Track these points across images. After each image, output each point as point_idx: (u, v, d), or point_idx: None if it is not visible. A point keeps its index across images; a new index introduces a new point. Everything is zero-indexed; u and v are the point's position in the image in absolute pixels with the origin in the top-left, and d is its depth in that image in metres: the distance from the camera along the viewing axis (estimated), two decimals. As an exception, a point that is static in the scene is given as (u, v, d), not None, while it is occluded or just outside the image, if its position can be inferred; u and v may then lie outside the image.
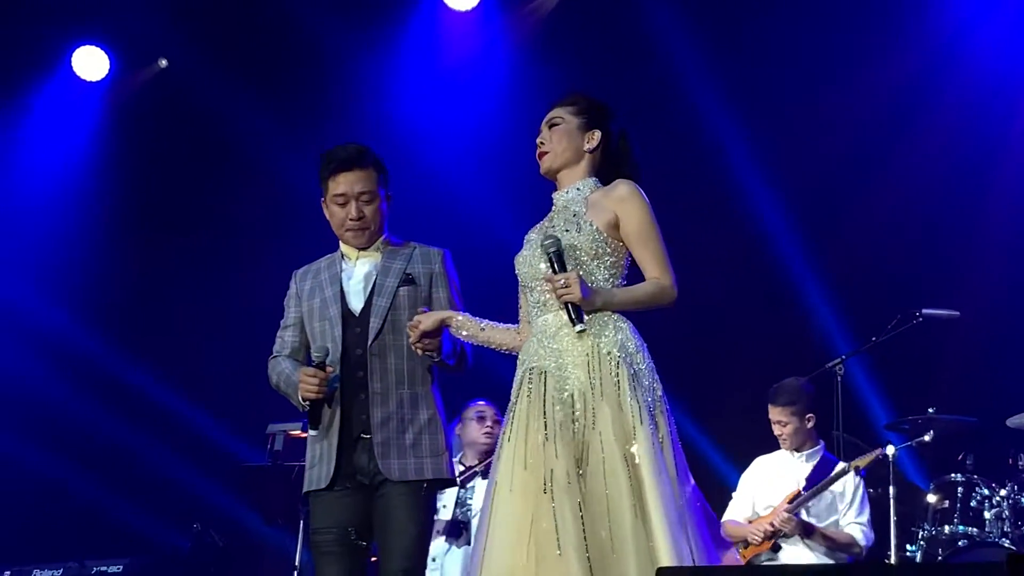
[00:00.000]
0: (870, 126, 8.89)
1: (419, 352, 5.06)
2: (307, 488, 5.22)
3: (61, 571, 8.61)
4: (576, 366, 4.57)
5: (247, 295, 9.79)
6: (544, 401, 4.56)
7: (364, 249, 5.32)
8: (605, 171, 4.90)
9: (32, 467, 9.59)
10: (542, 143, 4.89)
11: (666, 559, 4.25)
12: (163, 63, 10.22)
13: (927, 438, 7.39)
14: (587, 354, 4.57)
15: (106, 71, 10.14)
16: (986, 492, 7.31)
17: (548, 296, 4.67)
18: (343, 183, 5.26)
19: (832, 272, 8.86)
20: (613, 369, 4.53)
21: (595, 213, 4.72)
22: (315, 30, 9.50)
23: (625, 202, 4.71)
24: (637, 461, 4.39)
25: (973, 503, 7.32)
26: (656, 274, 4.68)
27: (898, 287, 8.56)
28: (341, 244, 5.38)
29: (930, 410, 7.55)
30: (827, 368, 7.62)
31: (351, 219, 5.25)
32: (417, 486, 5.12)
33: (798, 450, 7.36)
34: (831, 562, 7.03)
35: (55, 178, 10.22)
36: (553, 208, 4.89)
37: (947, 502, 7.37)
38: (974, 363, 8.46)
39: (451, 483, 5.42)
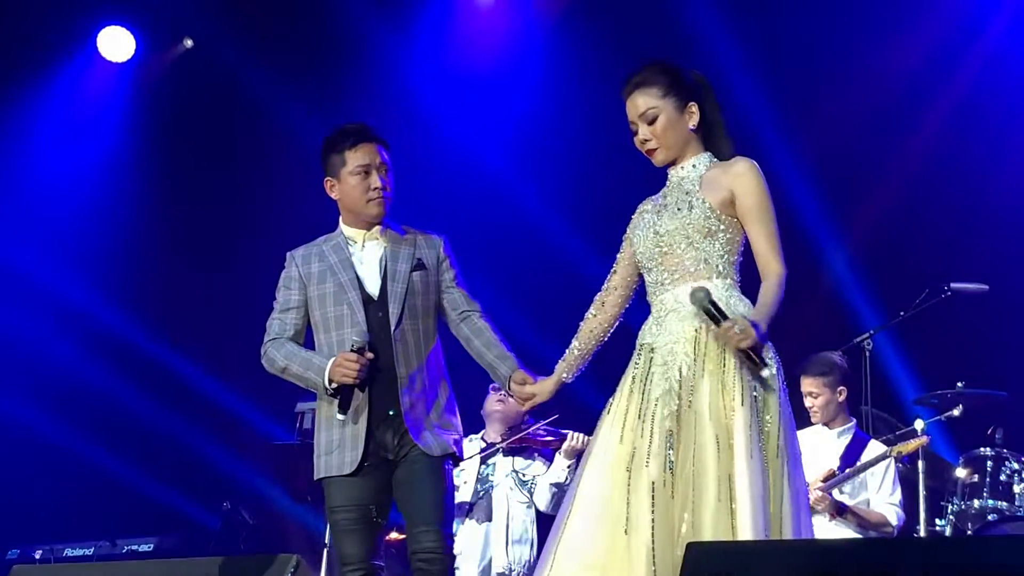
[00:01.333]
0: (899, 97, 8.85)
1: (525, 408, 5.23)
2: (326, 474, 5.19)
3: (92, 549, 8.67)
4: (686, 341, 4.46)
5: (277, 273, 9.82)
6: (647, 378, 4.50)
7: (372, 228, 5.31)
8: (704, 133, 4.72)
9: (64, 446, 9.64)
10: (646, 140, 4.67)
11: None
12: (188, 43, 10.22)
13: (956, 412, 7.37)
14: (696, 329, 4.46)
15: (132, 52, 10.14)
16: (1016, 466, 7.29)
17: (666, 275, 4.57)
18: (365, 153, 5.27)
19: (860, 246, 8.84)
20: (720, 346, 4.39)
21: (709, 190, 4.56)
22: (340, 6, 9.49)
23: (742, 177, 4.54)
24: (731, 442, 4.29)
25: (1003, 477, 7.29)
26: (769, 256, 4.48)
27: (926, 261, 8.54)
28: (345, 227, 5.37)
29: (959, 384, 7.53)
30: (855, 343, 7.61)
31: (375, 188, 5.24)
32: (441, 460, 5.18)
33: (829, 425, 7.33)
34: (860, 536, 7.02)
35: (82, 159, 10.26)
36: (668, 183, 4.72)
37: (976, 476, 7.35)
38: (1003, 337, 8.43)
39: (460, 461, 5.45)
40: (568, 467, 7.34)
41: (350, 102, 9.62)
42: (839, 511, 7.05)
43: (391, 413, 5.13)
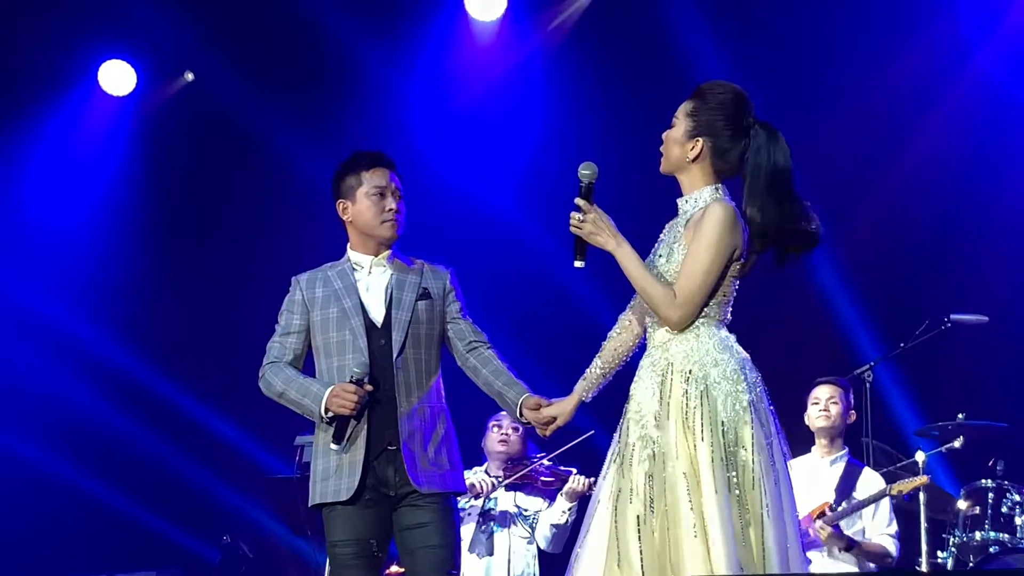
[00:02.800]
0: (898, 130, 8.86)
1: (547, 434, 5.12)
2: (321, 500, 5.16)
3: (92, 583, 8.67)
4: (652, 384, 4.49)
5: (276, 305, 9.81)
6: (625, 423, 4.56)
7: (380, 254, 5.30)
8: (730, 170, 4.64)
9: (64, 479, 9.63)
10: (664, 140, 4.67)
11: None
12: (189, 76, 10.24)
13: (957, 444, 7.38)
14: (662, 372, 4.48)
15: (133, 85, 10.16)
16: (1017, 498, 7.27)
17: (649, 316, 4.59)
18: (381, 176, 5.28)
19: (860, 278, 8.83)
20: (681, 386, 4.41)
21: (690, 235, 4.51)
22: (340, 41, 9.51)
23: (704, 220, 4.48)
24: (698, 479, 4.30)
25: (1004, 509, 7.28)
26: (675, 293, 4.45)
27: (926, 293, 8.55)
28: (352, 253, 5.35)
29: (960, 416, 7.52)
30: (856, 374, 7.62)
31: (389, 209, 5.25)
32: (443, 497, 5.15)
33: (831, 442, 7.31)
34: (856, 570, 7.00)
35: (82, 192, 10.25)
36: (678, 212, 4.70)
37: (978, 508, 7.33)
38: (1004, 368, 8.43)
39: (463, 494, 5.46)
40: (569, 509, 7.31)
41: (350, 135, 9.62)
42: (848, 547, 7.03)
43: (391, 447, 5.11)
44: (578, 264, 4.63)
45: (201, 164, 10.06)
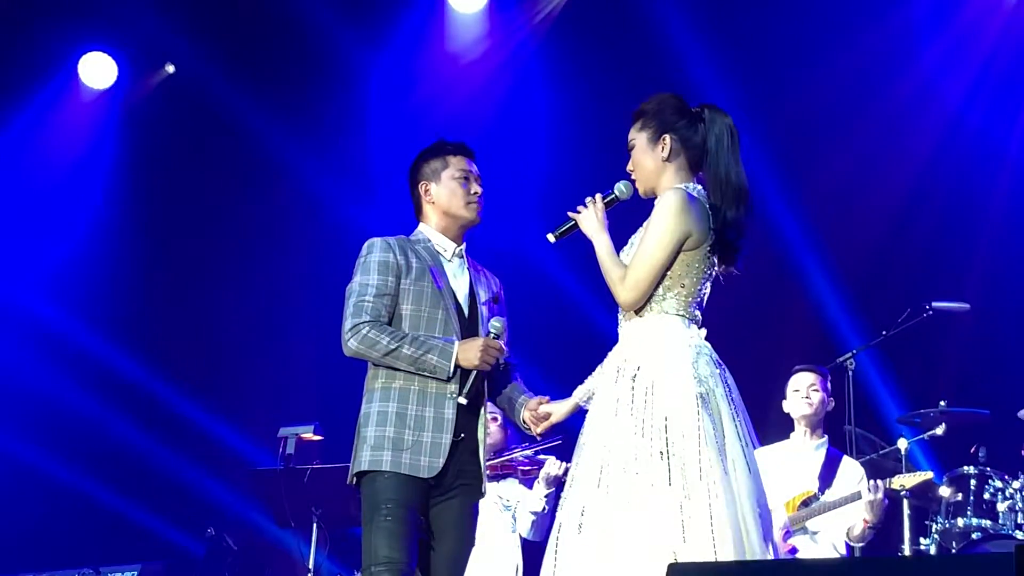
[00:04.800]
0: (881, 119, 8.88)
1: (538, 436, 5.16)
2: (393, 469, 4.94)
3: (76, 576, 8.65)
4: (608, 378, 4.63)
5: (259, 298, 9.83)
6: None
7: (460, 244, 5.28)
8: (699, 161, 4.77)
9: (47, 472, 9.62)
10: (631, 170, 4.82)
11: None
12: (170, 69, 10.21)
13: (939, 431, 7.39)
14: (616, 366, 4.61)
15: (113, 78, 10.13)
16: (999, 484, 7.29)
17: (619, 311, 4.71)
18: (467, 161, 5.31)
19: (842, 266, 8.86)
20: (629, 381, 4.52)
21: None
22: (321, 33, 9.49)
23: (656, 208, 4.64)
24: (636, 473, 4.39)
25: (986, 495, 7.29)
26: (626, 277, 4.59)
27: (908, 280, 8.58)
28: (434, 234, 5.26)
29: (942, 403, 7.53)
30: (838, 362, 7.63)
31: (475, 192, 5.26)
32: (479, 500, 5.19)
33: (812, 430, 7.33)
34: (843, 554, 7.03)
35: (62, 185, 10.23)
36: None
37: (960, 495, 7.34)
38: (985, 355, 8.46)
39: None
40: (546, 495, 7.31)
41: (333, 126, 9.63)
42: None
43: (466, 438, 5.08)
44: (551, 238, 4.89)
45: (183, 156, 10.05)
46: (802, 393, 7.32)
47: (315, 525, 7.19)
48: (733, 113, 4.81)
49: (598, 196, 4.81)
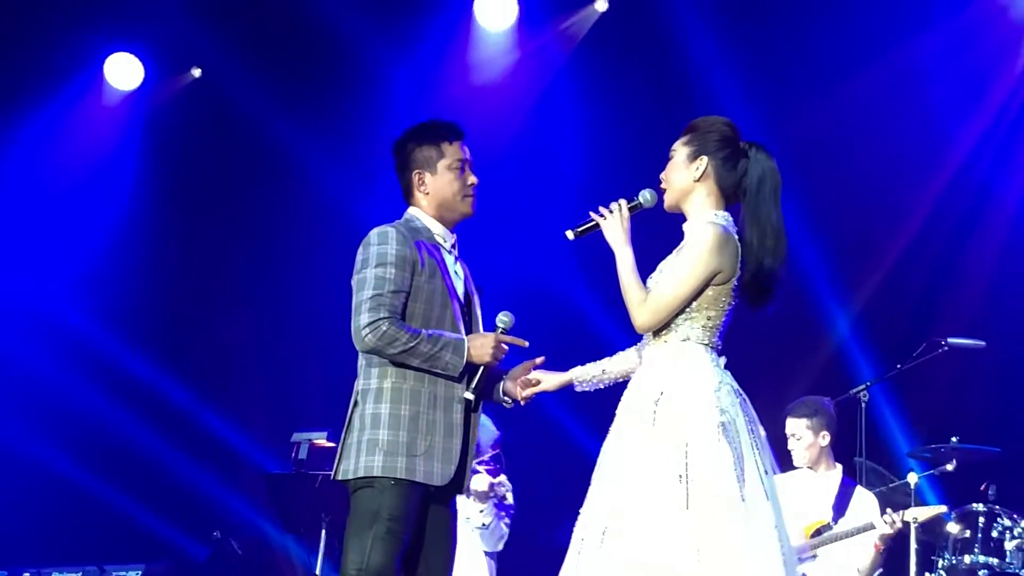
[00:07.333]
0: (900, 150, 8.89)
1: (519, 402, 5.08)
2: (409, 477, 4.82)
3: (80, 574, 8.66)
4: (630, 401, 4.65)
5: (275, 302, 9.84)
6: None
7: (453, 234, 5.15)
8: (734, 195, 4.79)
9: (54, 469, 9.63)
10: (663, 178, 4.83)
11: None
12: (196, 72, 10.24)
13: (950, 467, 7.38)
14: (638, 394, 4.63)
15: (140, 80, 10.16)
16: (1008, 523, 7.28)
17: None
18: (461, 147, 5.12)
19: (859, 299, 8.87)
20: (652, 406, 4.54)
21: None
22: (348, 38, 9.50)
23: (685, 243, 4.68)
24: (658, 495, 4.41)
25: (994, 533, 7.28)
26: (648, 300, 4.61)
27: (924, 315, 8.58)
28: (433, 226, 5.09)
29: (953, 439, 7.52)
30: (852, 394, 7.62)
31: (471, 184, 5.10)
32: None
33: (814, 468, 7.35)
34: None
35: (86, 186, 10.25)
36: None
37: (968, 532, 7.34)
38: (998, 393, 8.46)
39: None
40: (481, 510, 7.28)
41: (357, 132, 9.64)
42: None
43: (467, 442, 4.98)
44: (569, 234, 4.86)
45: (207, 159, 10.06)
46: (790, 444, 7.36)
47: (324, 532, 7.19)
48: (751, 136, 4.84)
49: (623, 202, 4.81)
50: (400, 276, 4.88)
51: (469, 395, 4.91)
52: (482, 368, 4.91)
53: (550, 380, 5.08)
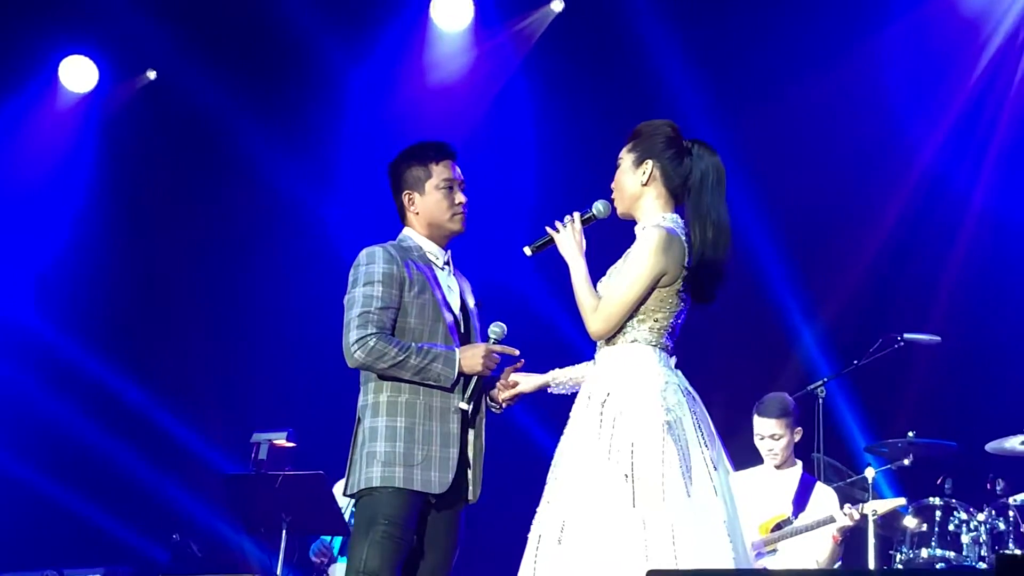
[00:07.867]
0: (853, 150, 8.94)
1: (503, 406, 5.20)
2: (406, 486, 4.96)
3: (38, 578, 8.60)
4: (580, 403, 4.73)
5: (233, 303, 9.81)
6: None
7: (447, 251, 5.29)
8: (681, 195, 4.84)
9: (10, 474, 9.56)
10: (613, 188, 4.89)
11: None
12: (152, 75, 10.19)
13: (906, 461, 7.43)
14: (588, 393, 4.70)
15: (95, 82, 10.11)
16: (964, 516, 7.32)
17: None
18: (450, 167, 5.26)
19: (814, 295, 8.91)
20: (598, 407, 4.61)
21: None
22: (305, 39, 9.49)
23: (636, 243, 4.74)
24: (603, 494, 4.48)
25: (951, 527, 7.32)
26: (599, 307, 4.68)
27: (880, 311, 8.63)
28: (425, 244, 5.26)
29: (910, 434, 7.57)
30: (809, 390, 7.66)
31: (460, 203, 5.24)
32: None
33: (781, 467, 7.38)
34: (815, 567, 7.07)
35: (43, 191, 10.19)
36: None
37: (925, 526, 7.38)
38: (954, 388, 8.52)
39: None
40: None
41: (313, 133, 9.64)
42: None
43: (470, 452, 5.12)
44: (527, 251, 4.96)
45: (163, 161, 10.03)
46: (767, 445, 7.34)
47: (284, 532, 7.17)
48: (708, 137, 4.89)
49: (576, 215, 4.90)
50: (387, 293, 5.04)
51: (464, 405, 5.04)
52: (475, 378, 5.05)
53: (527, 382, 5.20)
